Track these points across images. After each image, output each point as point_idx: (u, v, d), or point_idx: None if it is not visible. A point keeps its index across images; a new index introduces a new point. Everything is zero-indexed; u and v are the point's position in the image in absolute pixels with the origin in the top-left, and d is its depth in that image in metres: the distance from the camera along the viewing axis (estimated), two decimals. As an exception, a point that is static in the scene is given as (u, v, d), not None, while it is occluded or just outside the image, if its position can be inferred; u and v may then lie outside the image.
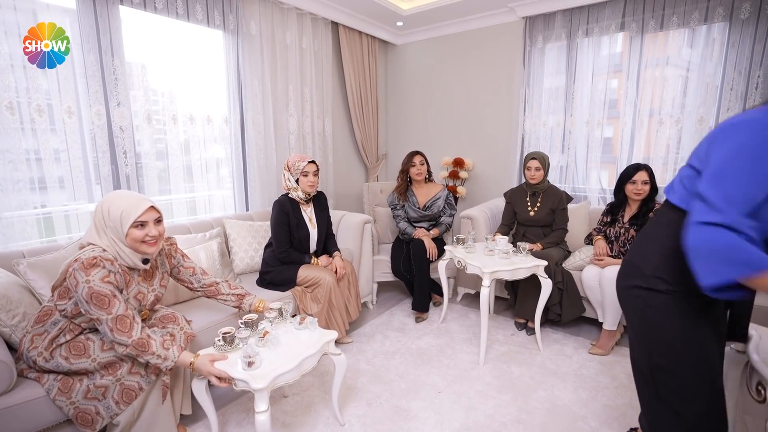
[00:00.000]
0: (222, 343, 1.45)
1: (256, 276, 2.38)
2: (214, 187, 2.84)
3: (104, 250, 1.31)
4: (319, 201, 2.42)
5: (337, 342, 2.35)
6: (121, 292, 1.33)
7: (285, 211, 2.24)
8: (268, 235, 2.41)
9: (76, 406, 1.28)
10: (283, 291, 2.20)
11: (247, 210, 2.98)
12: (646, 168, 2.25)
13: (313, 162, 2.24)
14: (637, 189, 2.24)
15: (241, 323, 1.55)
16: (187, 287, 1.72)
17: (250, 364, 1.32)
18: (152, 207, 1.38)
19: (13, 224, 1.93)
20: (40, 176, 2.01)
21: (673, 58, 2.73)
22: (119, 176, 2.29)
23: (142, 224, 1.35)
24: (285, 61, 3.11)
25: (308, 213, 2.34)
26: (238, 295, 1.76)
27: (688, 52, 2.69)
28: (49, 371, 1.32)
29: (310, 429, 1.67)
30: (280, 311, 1.68)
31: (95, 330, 1.38)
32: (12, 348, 1.39)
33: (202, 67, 2.66)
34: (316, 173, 2.26)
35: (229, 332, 1.45)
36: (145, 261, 1.42)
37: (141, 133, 2.38)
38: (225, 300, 1.75)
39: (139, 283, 1.44)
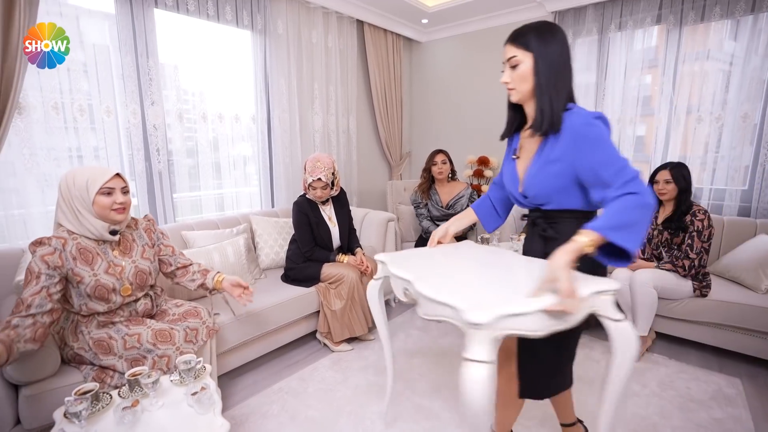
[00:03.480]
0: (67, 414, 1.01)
1: (281, 272, 2.43)
2: (241, 184, 2.92)
3: (65, 232, 1.33)
4: (339, 199, 2.44)
5: (360, 339, 2.37)
6: (64, 276, 1.31)
7: (304, 212, 2.27)
8: (293, 231, 2.46)
9: None
10: (307, 287, 2.24)
11: (273, 207, 3.04)
12: (670, 167, 2.16)
13: (319, 179, 2.21)
14: (659, 188, 2.18)
15: (127, 377, 1.17)
16: (163, 271, 1.65)
17: None
18: (118, 175, 1.38)
19: (57, 218, 2.04)
20: (81, 173, 2.12)
21: (714, 52, 2.59)
22: (152, 173, 2.38)
23: (109, 192, 1.35)
24: (311, 59, 3.14)
25: (327, 212, 2.37)
26: (203, 270, 1.67)
27: (732, 44, 2.55)
28: (90, 363, 1.39)
29: (332, 423, 1.69)
30: (180, 374, 1.25)
31: (110, 324, 1.42)
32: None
33: (230, 67, 2.73)
34: (324, 188, 2.26)
35: (90, 390, 1.09)
36: (114, 232, 1.41)
37: (172, 132, 2.46)
38: (192, 279, 1.64)
39: (115, 258, 1.42)
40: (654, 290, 2.10)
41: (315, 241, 2.32)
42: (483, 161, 3.65)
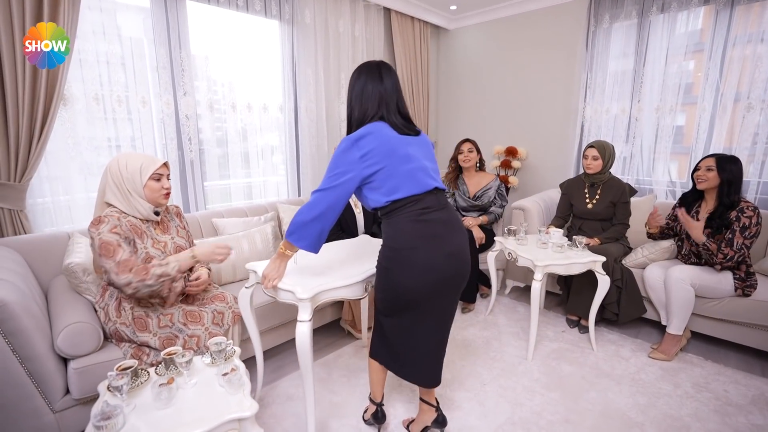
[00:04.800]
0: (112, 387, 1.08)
1: (307, 260, 2.48)
2: (269, 173, 2.98)
3: (112, 210, 1.44)
4: None
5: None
6: (131, 243, 1.43)
7: None
8: (319, 220, 2.49)
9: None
10: (332, 275, 2.27)
11: (299, 195, 3.09)
12: (717, 156, 2.03)
13: None
14: (698, 175, 2.06)
15: (163, 356, 1.21)
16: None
17: (99, 428, 0.95)
18: (166, 163, 1.53)
19: (98, 204, 2.15)
20: (119, 161, 2.22)
21: (769, 34, 2.40)
22: (185, 161, 2.46)
23: (158, 178, 1.49)
24: (338, 49, 3.14)
25: (353, 198, 2.39)
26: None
27: (789, 25, 2.35)
28: (129, 340, 1.48)
29: (354, 409, 1.73)
30: (211, 355, 1.28)
31: (147, 304, 1.50)
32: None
33: (259, 57, 2.77)
34: None
35: (129, 367, 1.14)
36: (156, 213, 1.55)
37: (203, 122, 2.53)
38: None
39: (157, 234, 1.55)
40: (691, 288, 2.00)
41: (340, 226, 2.34)
42: (511, 151, 3.56)
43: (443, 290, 1.31)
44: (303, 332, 1.33)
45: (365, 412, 1.66)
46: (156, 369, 1.25)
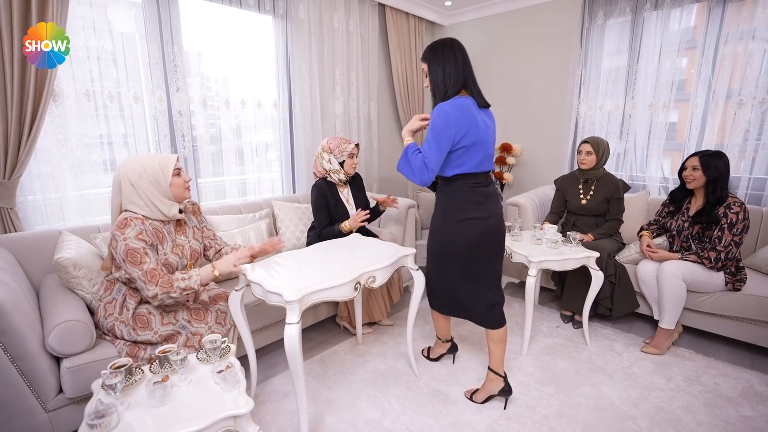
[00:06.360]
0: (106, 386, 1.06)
1: (302, 257, 2.47)
2: (263, 170, 2.96)
3: (135, 214, 1.40)
4: (355, 182, 2.46)
5: (378, 324, 2.40)
6: (155, 249, 1.42)
7: (323, 193, 2.28)
8: (313, 218, 2.48)
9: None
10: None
11: (294, 192, 3.08)
12: (701, 154, 2.06)
13: (357, 144, 2.36)
14: (685, 175, 2.11)
15: (158, 353, 1.21)
16: (205, 254, 1.70)
17: (92, 427, 0.94)
18: (177, 157, 1.53)
19: (90, 201, 2.13)
20: (112, 158, 2.20)
21: (761, 31, 2.41)
22: (178, 158, 2.43)
23: (177, 172, 1.49)
24: (332, 44, 3.12)
25: (345, 194, 2.38)
26: (233, 249, 1.69)
27: (780, 23, 2.37)
28: (123, 338, 1.46)
29: (350, 405, 1.74)
30: (206, 353, 1.29)
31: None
32: (91, 312, 1.55)
33: (252, 53, 2.74)
34: (357, 155, 2.37)
35: (124, 365, 1.13)
36: (180, 211, 1.54)
37: (196, 118, 2.51)
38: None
39: (176, 237, 1.53)
40: (683, 283, 2.03)
41: (332, 223, 2.33)
42: (505, 148, 3.57)
43: (480, 245, 1.58)
44: (291, 335, 1.32)
45: (426, 349, 2.09)
46: (151, 367, 1.24)
